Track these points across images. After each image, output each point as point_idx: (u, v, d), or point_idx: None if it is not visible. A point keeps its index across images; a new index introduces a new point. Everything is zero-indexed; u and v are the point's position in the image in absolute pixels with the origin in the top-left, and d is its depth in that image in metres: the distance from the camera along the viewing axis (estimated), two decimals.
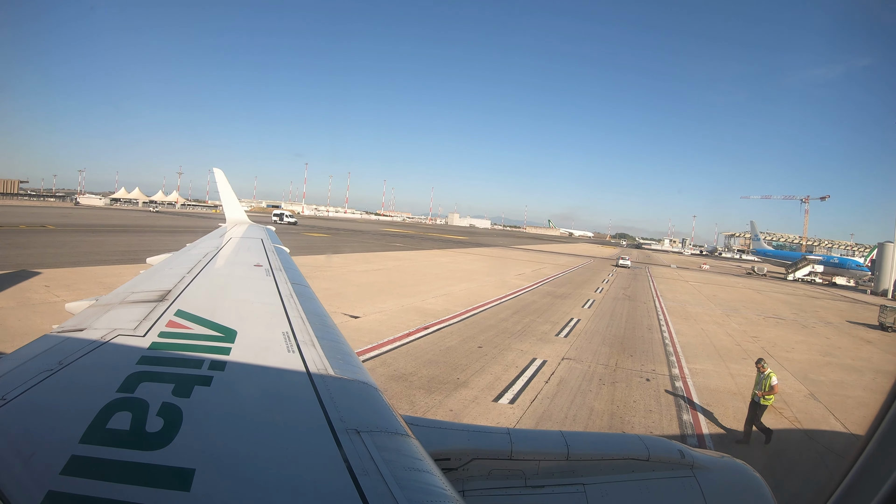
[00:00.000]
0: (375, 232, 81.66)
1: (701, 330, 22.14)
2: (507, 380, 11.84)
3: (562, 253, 74.36)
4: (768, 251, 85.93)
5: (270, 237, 7.36)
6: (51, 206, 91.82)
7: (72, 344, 2.14)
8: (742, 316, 28.37)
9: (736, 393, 12.98)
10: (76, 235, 36.19)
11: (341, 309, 17.06)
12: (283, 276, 4.28)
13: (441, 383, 10.95)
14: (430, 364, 12.15)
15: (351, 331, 14.34)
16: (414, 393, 10.13)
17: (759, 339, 21.87)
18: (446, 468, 2.25)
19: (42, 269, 19.61)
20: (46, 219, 51.19)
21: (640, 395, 11.89)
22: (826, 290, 56.17)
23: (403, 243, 57.55)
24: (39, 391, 1.69)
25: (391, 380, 10.68)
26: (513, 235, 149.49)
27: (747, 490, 2.63)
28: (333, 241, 52.16)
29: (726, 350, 18.53)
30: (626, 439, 2.83)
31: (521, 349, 14.74)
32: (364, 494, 1.36)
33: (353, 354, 2.62)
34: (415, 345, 13.71)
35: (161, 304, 2.84)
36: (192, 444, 1.48)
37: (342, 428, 1.68)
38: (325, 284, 21.91)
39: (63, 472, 1.29)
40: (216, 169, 10.21)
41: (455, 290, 24.48)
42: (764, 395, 9.57)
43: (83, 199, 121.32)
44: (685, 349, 17.63)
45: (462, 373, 11.84)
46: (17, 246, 26.40)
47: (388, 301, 19.68)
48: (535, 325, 18.41)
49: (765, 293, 44.56)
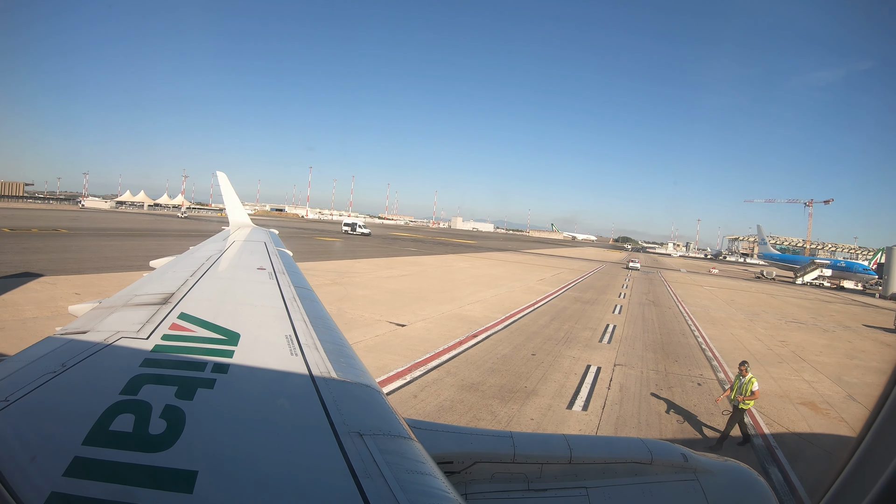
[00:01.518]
0: (385, 236, 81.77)
1: (731, 335, 22.31)
2: (572, 387, 12.02)
3: (573, 258, 74.50)
4: (775, 255, 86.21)
5: (273, 240, 7.39)
6: (58, 210, 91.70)
7: (75, 346, 2.14)
8: (764, 321, 28.53)
9: (782, 396, 13.33)
10: (94, 239, 36.15)
11: (385, 317, 17.22)
12: (286, 279, 4.27)
13: (511, 392, 11.10)
14: (492, 372, 12.30)
15: (401, 339, 14.51)
16: (490, 403, 10.28)
17: (787, 343, 22.08)
18: (449, 471, 2.23)
19: (64, 274, 19.48)
20: (57, 222, 51.09)
21: (697, 400, 12.14)
22: (836, 294, 56.37)
23: (417, 248, 57.70)
24: (43, 393, 1.69)
25: (463, 389, 10.83)
26: (518, 239, 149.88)
27: (750, 493, 2.62)
28: (348, 245, 52.32)
29: (760, 354, 18.72)
30: (629, 443, 2.81)
31: (572, 356, 14.91)
32: (367, 497, 1.37)
33: (356, 357, 2.62)
34: (470, 353, 13.85)
35: (164, 307, 2.84)
36: (194, 446, 1.49)
37: (345, 431, 1.69)
38: (360, 291, 22.06)
39: (66, 473, 1.29)
40: (219, 172, 10.19)
41: (487, 297, 24.63)
42: (744, 399, 9.41)
43: (88, 202, 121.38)
44: (723, 354, 17.80)
45: (527, 381, 12.00)
46: (34, 251, 26.24)
47: (427, 308, 19.83)
48: (576, 332, 18.57)
49: (779, 297, 44.75)
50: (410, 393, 10.19)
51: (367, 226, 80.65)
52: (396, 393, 10.12)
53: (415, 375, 11.28)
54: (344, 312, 17.05)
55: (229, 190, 9.97)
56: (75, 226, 48.67)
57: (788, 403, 12.66)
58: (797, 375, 16.00)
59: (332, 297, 19.50)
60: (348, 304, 18.55)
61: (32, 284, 17.15)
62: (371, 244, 56.87)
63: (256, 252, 5.93)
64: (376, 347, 13.25)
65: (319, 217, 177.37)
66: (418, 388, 10.54)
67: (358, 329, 14.97)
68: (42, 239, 33.28)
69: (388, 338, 14.43)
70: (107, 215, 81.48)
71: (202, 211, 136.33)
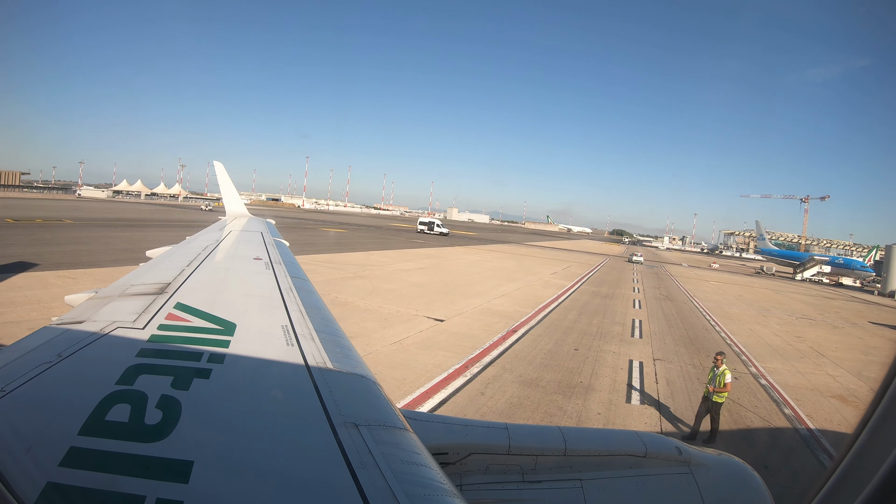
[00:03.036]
0: (386, 227, 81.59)
1: (749, 330, 22.73)
2: (623, 381, 12.30)
3: (576, 251, 74.93)
4: (774, 251, 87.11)
5: (270, 230, 7.36)
6: (55, 199, 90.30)
7: (71, 336, 2.13)
8: (776, 317, 29.04)
9: (813, 389, 13.88)
10: (101, 230, 35.47)
11: (420, 312, 17.33)
12: (282, 269, 4.26)
13: (570, 387, 11.31)
14: (545, 368, 12.49)
15: (446, 335, 14.64)
16: (554, 399, 10.47)
17: (804, 339, 22.58)
18: (444, 462, 2.23)
19: (81, 268, 18.97)
20: (59, 212, 50.22)
21: (740, 393, 12.51)
22: (836, 291, 57.30)
23: (423, 240, 57.67)
24: (38, 383, 1.68)
25: (524, 386, 11.01)
26: (516, 231, 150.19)
27: (744, 487, 2.64)
28: (356, 237, 52.20)
29: (782, 350, 19.19)
30: (624, 435, 2.82)
31: (612, 351, 15.18)
32: (362, 488, 1.37)
33: (352, 348, 2.62)
34: (516, 349, 14.03)
35: (160, 297, 2.83)
36: (190, 436, 1.49)
37: (340, 421, 1.68)
38: (386, 285, 22.13)
39: (62, 463, 1.29)
40: (216, 162, 10.10)
41: (509, 291, 24.81)
42: (716, 390, 9.27)
43: (84, 191, 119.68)
44: (748, 349, 18.20)
45: (579, 376, 12.22)
46: (44, 242, 25.66)
47: (458, 302, 19.97)
48: (606, 327, 18.83)
49: (783, 293, 45.43)
50: (476, 391, 10.34)
51: (443, 224, 75.78)
52: (463, 390, 10.25)
53: (473, 372, 11.43)
54: (380, 308, 17.13)
55: (226, 180, 9.88)
56: (78, 216, 47.73)
57: (820, 396, 13.24)
58: (821, 370, 16.45)
59: (361, 292, 19.57)
60: (381, 299, 18.62)
61: (50, 278, 16.63)
62: (380, 236, 56.82)
63: (253, 242, 5.92)
64: (426, 344, 13.38)
65: (316, 207, 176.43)
66: (481, 385, 10.70)
67: (400, 325, 15.08)
68: (49, 230, 32.69)
69: (433, 333, 14.55)
70: (107, 205, 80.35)
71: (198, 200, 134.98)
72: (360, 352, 10.03)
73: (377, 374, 8.84)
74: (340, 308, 16.21)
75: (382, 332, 13.97)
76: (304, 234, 47.39)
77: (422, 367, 11.34)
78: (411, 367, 11.24)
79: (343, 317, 14.95)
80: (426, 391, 9.88)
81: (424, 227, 73.03)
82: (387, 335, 13.64)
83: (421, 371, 11.03)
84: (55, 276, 16.95)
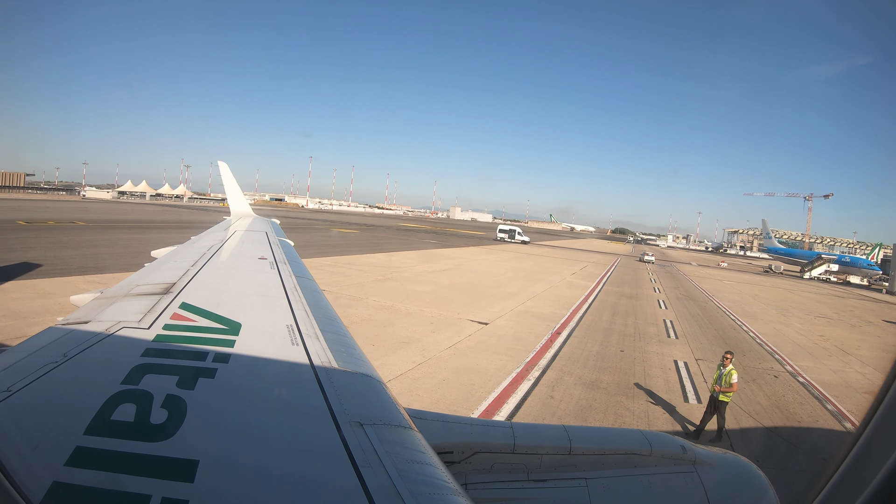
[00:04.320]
0: (395, 227, 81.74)
1: (775, 330, 23.07)
2: (675, 381, 12.68)
3: (586, 250, 75.25)
4: (780, 249, 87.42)
5: (275, 230, 7.36)
6: (62, 200, 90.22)
7: (76, 336, 2.14)
8: (795, 316, 29.35)
9: (848, 386, 14.37)
10: (117, 232, 35.12)
11: (462, 315, 17.61)
12: (287, 269, 4.27)
13: (629, 388, 11.63)
14: (600, 370, 12.80)
15: (496, 338, 14.91)
16: (619, 400, 10.78)
17: (826, 337, 22.95)
18: (449, 461, 2.23)
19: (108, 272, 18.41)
20: (69, 214, 50.03)
21: (784, 391, 13.03)
22: (845, 290, 57.64)
23: (436, 240, 57.87)
24: (44, 383, 1.69)
25: (587, 388, 11.31)
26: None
27: (749, 485, 2.63)
28: (370, 237, 52.33)
29: (810, 348, 19.61)
30: (629, 434, 2.82)
31: (655, 351, 15.52)
32: (367, 486, 1.38)
33: (357, 347, 2.61)
34: (566, 351, 14.32)
35: (166, 297, 2.84)
36: (196, 435, 1.50)
37: (345, 420, 1.69)
38: (418, 287, 22.40)
39: (68, 463, 1.30)
40: (221, 162, 10.08)
41: (537, 292, 25.12)
42: (723, 390, 9.31)
43: (89, 192, 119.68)
44: (779, 348, 18.60)
45: (633, 377, 12.53)
46: (62, 245, 25.46)
47: (494, 304, 20.26)
48: (641, 328, 19.15)
49: (796, 292, 45.77)
50: (545, 394, 10.62)
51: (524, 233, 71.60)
52: (532, 394, 10.52)
53: (535, 376, 11.71)
54: (421, 311, 17.39)
55: (231, 180, 9.93)
56: (90, 218, 47.47)
57: (857, 393, 13.61)
58: (849, 368, 16.87)
59: (397, 295, 19.84)
60: (419, 303, 18.89)
61: (78, 283, 16.25)
62: (392, 236, 57.05)
63: (257, 242, 5.94)
64: (479, 348, 13.65)
65: (319, 207, 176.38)
66: (547, 388, 10.99)
67: (447, 328, 15.35)
68: (63, 232, 32.39)
69: (482, 337, 14.83)
70: (114, 206, 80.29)
71: (203, 201, 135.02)
72: (420, 357, 10.51)
73: (444, 381, 9.26)
74: (385, 312, 16.50)
75: (433, 336, 14.24)
76: (318, 236, 47.63)
77: (485, 371, 11.62)
78: (475, 371, 11.52)
79: (389, 321, 15.30)
80: (498, 396, 10.16)
81: (504, 234, 67.84)
82: (439, 340, 13.91)
83: (486, 376, 11.31)
84: (83, 280, 16.88)
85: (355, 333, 12.18)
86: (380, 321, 15.28)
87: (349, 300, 17.87)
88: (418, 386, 10.16)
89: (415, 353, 12.27)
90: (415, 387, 10.09)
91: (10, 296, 13.83)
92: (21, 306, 12.72)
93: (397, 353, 12.20)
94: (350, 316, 15.38)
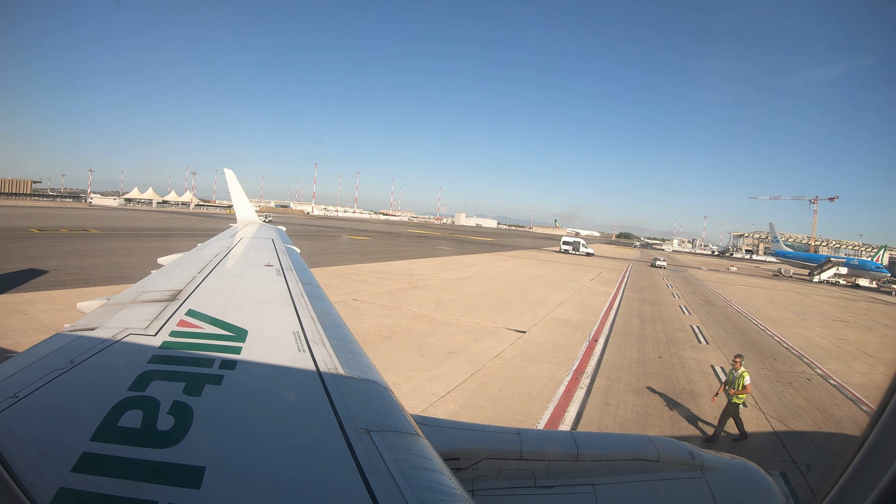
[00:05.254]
0: (406, 234, 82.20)
1: (797, 334, 23.30)
2: (717, 386, 12.83)
3: (600, 256, 75.73)
4: (788, 253, 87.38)
5: (281, 237, 7.37)
6: (70, 207, 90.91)
7: (83, 343, 2.14)
8: (814, 320, 29.54)
9: (878, 388, 14.44)
10: (134, 241, 34.90)
11: (498, 323, 17.89)
12: (293, 275, 4.27)
13: (678, 393, 11.92)
14: (645, 377, 13.08)
15: (537, 347, 15.18)
16: (673, 405, 11.04)
17: (847, 341, 23.19)
18: (456, 468, 2.22)
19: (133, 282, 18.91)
20: (80, 222, 50.27)
21: (820, 393, 13.42)
22: (855, 292, 57.68)
23: (450, 247, 58.29)
24: (51, 389, 1.70)
25: (637, 394, 11.59)
26: (526, 236, 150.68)
27: (757, 491, 2.61)
28: (384, 245, 52.72)
29: (834, 352, 19.92)
30: (636, 440, 2.83)
31: (691, 357, 15.81)
32: (374, 493, 1.38)
33: (363, 354, 2.61)
34: (608, 359, 14.59)
35: (172, 304, 2.85)
36: (202, 442, 1.50)
37: (352, 427, 1.69)
38: (447, 296, 22.67)
39: (74, 469, 1.31)
40: (227, 169, 10.17)
41: (563, 299, 25.40)
42: (737, 393, 9.48)
43: (95, 199, 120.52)
44: (805, 352, 18.91)
45: (678, 382, 12.83)
46: (80, 254, 25.43)
47: (525, 313, 20.53)
48: (671, 334, 19.42)
49: (808, 296, 45.90)
50: (600, 402, 10.90)
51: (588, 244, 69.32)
52: (589, 402, 10.79)
53: (585, 384, 11.98)
54: (458, 320, 17.68)
55: (237, 187, 9.99)
56: (102, 225, 47.86)
57: None
58: (876, 370, 17.19)
59: (428, 304, 20.13)
60: (452, 311, 19.17)
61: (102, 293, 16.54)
62: (405, 243, 57.55)
63: (264, 249, 5.95)
64: (525, 356, 13.93)
65: (325, 213, 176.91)
66: (601, 396, 11.26)
67: (488, 337, 15.63)
68: (80, 240, 32.32)
69: (524, 346, 15.09)
70: (122, 213, 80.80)
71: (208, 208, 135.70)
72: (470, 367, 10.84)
73: (501, 391, 9.67)
74: (422, 322, 16.78)
75: (477, 346, 14.50)
76: (333, 243, 48.02)
77: (536, 380, 11.89)
78: (527, 380, 11.79)
79: (429, 331, 15.57)
80: (558, 404, 10.44)
81: (569, 247, 65.51)
82: (483, 349, 14.18)
83: (539, 384, 11.58)
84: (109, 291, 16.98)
85: (399, 344, 12.81)
86: (420, 331, 15.56)
87: (383, 310, 18.16)
88: (478, 397, 10.44)
89: (464, 364, 12.55)
90: (474, 398, 10.36)
91: (37, 307, 14.09)
92: (50, 319, 12.88)
93: (447, 363, 12.48)
94: (390, 326, 15.71)
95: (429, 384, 10.81)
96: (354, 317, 16.35)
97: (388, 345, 13.48)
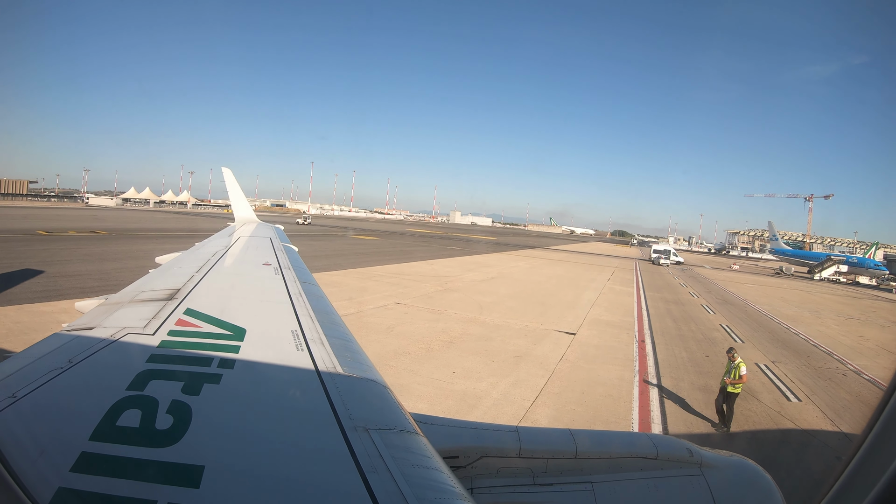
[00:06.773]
0: (409, 233, 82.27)
1: (818, 331, 24.18)
2: (768, 383, 13.90)
3: (603, 254, 76.76)
4: (787, 251, 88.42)
5: (279, 236, 7.38)
6: (68, 208, 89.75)
7: (81, 342, 2.14)
8: (828, 317, 30.48)
9: None
10: (146, 242, 33.80)
11: (545, 325, 18.46)
12: (291, 274, 4.28)
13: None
14: (701, 375, 13.82)
15: (594, 349, 15.78)
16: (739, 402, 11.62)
17: (866, 338, 24.14)
18: (455, 466, 2.24)
19: None
20: (83, 223, 49.51)
21: (859, 388, 14.30)
22: (856, 290, 58.93)
23: (458, 247, 58.68)
24: (49, 389, 1.69)
25: (703, 392, 12.25)
26: (525, 234, 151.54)
27: (756, 489, 2.62)
28: (395, 245, 53.05)
29: (858, 349, 20.78)
30: (635, 438, 2.87)
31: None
32: (373, 492, 1.38)
33: (362, 352, 2.63)
34: (662, 358, 15.30)
35: (170, 303, 2.85)
36: (201, 441, 1.50)
37: (351, 426, 1.70)
38: (485, 298, 23.18)
39: (73, 469, 1.31)
40: (225, 168, 10.16)
41: (593, 300, 26.14)
42: (733, 382, 10.08)
43: (92, 199, 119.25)
44: (832, 348, 19.72)
45: None
46: (99, 258, 24.89)
47: (565, 315, 21.14)
48: (707, 333, 20.24)
49: (816, 294, 46.98)
50: (677, 399, 11.54)
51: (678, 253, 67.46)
52: (666, 402, 11.39)
53: (654, 383, 12.62)
54: (508, 323, 18.18)
55: (234, 186, 9.98)
56: (109, 226, 47.16)
57: None
58: None
59: (470, 307, 20.59)
60: (497, 315, 19.66)
61: None
62: (414, 242, 57.95)
63: (262, 248, 5.97)
64: (587, 358, 14.52)
65: (321, 212, 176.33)
66: (674, 394, 11.90)
67: (544, 340, 16.18)
68: (93, 243, 31.47)
69: (580, 348, 15.67)
70: (122, 213, 79.85)
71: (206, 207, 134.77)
72: (543, 371, 11.79)
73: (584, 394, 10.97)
74: (475, 326, 17.23)
75: (538, 349, 15.03)
76: (340, 244, 47.98)
77: (609, 382, 12.49)
78: (602, 383, 12.38)
79: (486, 335, 16.03)
80: (641, 404, 11.06)
81: (660, 255, 62.68)
82: (545, 352, 14.70)
83: (614, 386, 12.19)
84: None
85: (464, 349, 13.79)
86: (477, 335, 16.02)
87: (430, 313, 18.56)
88: (565, 400, 10.94)
89: (536, 367, 13.07)
90: (562, 402, 10.84)
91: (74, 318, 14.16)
92: None
93: (520, 367, 12.97)
94: (446, 331, 16.10)
95: (515, 390, 11.25)
96: (407, 322, 16.70)
97: (454, 350, 13.90)
